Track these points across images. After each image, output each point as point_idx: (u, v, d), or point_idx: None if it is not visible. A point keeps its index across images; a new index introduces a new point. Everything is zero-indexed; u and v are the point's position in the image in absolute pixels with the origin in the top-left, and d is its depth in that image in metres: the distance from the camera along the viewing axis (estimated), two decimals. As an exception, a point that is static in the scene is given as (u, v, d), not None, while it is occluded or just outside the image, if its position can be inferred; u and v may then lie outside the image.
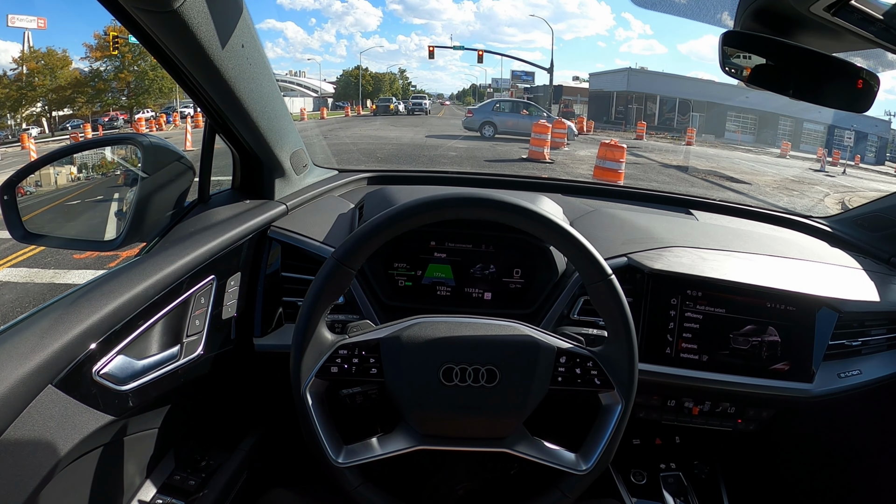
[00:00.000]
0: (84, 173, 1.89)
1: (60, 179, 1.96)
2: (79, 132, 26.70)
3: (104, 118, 39.67)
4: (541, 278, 1.73)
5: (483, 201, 1.18)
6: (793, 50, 1.13)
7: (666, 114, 48.71)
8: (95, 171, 1.88)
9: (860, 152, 34.94)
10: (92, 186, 1.85)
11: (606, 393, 1.23)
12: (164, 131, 28.72)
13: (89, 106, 40.79)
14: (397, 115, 43.93)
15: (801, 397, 1.64)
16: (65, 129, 35.09)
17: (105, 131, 31.69)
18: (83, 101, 40.47)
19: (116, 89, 42.16)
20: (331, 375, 1.19)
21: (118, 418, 1.19)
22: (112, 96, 42.21)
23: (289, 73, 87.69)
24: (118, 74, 41.34)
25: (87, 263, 6.55)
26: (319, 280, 1.17)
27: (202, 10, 1.14)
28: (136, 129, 28.45)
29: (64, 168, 1.72)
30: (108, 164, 1.83)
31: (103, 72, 41.61)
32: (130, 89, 41.84)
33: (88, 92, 40.63)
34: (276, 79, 1.63)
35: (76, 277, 6.18)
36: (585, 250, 1.19)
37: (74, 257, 6.76)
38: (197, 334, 1.43)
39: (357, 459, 1.19)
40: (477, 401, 1.19)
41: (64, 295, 1.17)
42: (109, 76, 41.62)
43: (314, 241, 1.67)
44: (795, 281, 1.68)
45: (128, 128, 34.38)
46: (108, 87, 41.77)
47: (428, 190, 1.89)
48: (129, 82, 41.52)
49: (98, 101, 41.42)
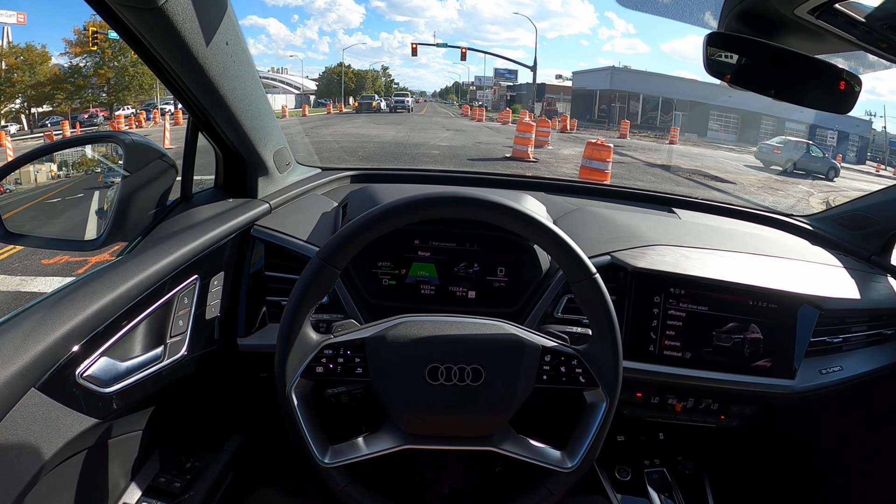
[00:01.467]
0: (64, 171, 1.88)
1: (40, 177, 1.95)
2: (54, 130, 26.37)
3: (84, 115, 39.23)
4: (525, 277, 1.73)
5: (467, 200, 1.18)
6: (776, 51, 1.14)
7: (649, 112, 49.01)
8: (76, 169, 1.86)
9: (842, 152, 35.25)
10: (72, 184, 1.84)
11: (591, 391, 1.24)
12: (144, 128, 28.41)
13: (69, 102, 40.36)
14: (380, 113, 44.01)
15: (783, 393, 1.66)
16: (44, 125, 34.64)
17: (84, 128, 31.40)
18: (63, 97, 40.04)
19: (96, 85, 41.74)
20: (316, 375, 1.19)
21: (102, 421, 1.19)
22: (92, 93, 41.77)
23: (271, 69, 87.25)
24: (98, 70, 40.95)
25: (55, 270, 6.36)
26: (304, 280, 1.16)
27: (187, 6, 1.13)
28: (113, 127, 28.12)
29: (44, 166, 1.71)
30: (89, 161, 1.82)
31: (83, 68, 41.24)
32: (110, 86, 41.46)
33: (68, 88, 40.23)
34: (260, 76, 1.62)
35: (43, 285, 6.02)
36: (570, 249, 1.19)
37: (42, 263, 6.59)
38: (180, 335, 1.42)
39: (343, 459, 1.19)
40: (462, 400, 1.19)
41: (46, 296, 1.16)
42: (89, 72, 41.23)
43: (298, 240, 1.66)
44: (777, 279, 1.70)
45: (107, 125, 34.01)
46: (87, 84, 41.36)
47: (412, 189, 1.89)
48: (108, 78, 41.14)
49: (78, 97, 40.98)
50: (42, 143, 17.35)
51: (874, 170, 32.42)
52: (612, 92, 51.82)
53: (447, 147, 18.94)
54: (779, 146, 23.92)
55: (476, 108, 41.71)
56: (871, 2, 0.92)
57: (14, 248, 7.07)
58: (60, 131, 25.36)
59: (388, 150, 17.56)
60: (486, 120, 36.88)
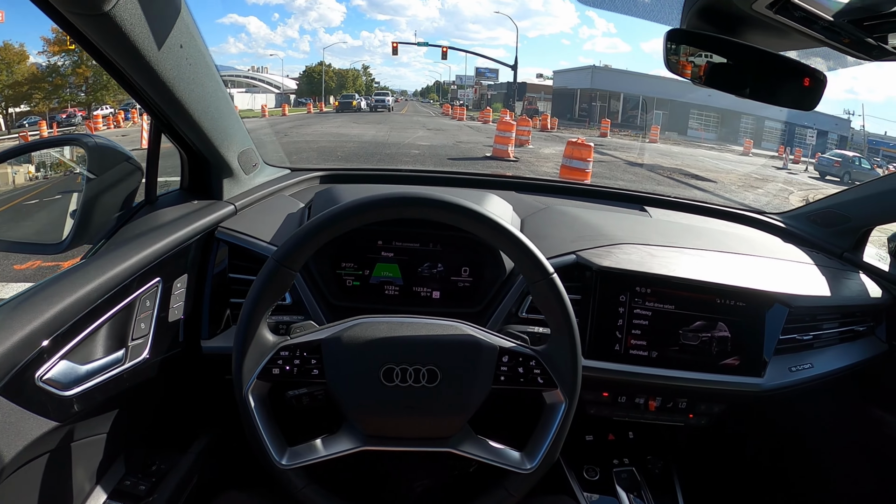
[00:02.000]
0: (42, 172, 1.87)
1: (18, 179, 1.93)
2: (31, 130, 26.16)
3: (62, 115, 38.92)
4: (489, 276, 1.73)
5: (423, 200, 1.18)
6: (738, 48, 1.14)
7: (629, 111, 49.38)
8: (54, 170, 1.85)
9: (820, 150, 35.67)
10: (49, 186, 1.83)
11: (550, 391, 1.24)
12: (123, 128, 28.22)
13: (47, 102, 40.02)
14: (360, 112, 44.00)
15: (751, 391, 1.66)
16: (22, 126, 34.37)
17: (62, 128, 31.15)
18: (40, 97, 39.69)
19: (74, 85, 41.40)
20: (273, 377, 1.19)
21: (63, 424, 1.17)
22: (70, 92, 41.43)
23: (251, 68, 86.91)
24: (76, 69, 40.58)
25: (28, 276, 6.15)
26: (259, 281, 1.16)
27: (136, 11, 1.12)
28: (90, 127, 27.91)
29: (22, 167, 1.70)
30: (68, 163, 1.80)
31: (61, 66, 40.86)
32: (89, 85, 41.10)
33: (46, 88, 39.89)
34: (238, 75, 1.61)
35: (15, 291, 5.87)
36: (526, 249, 1.19)
37: (15, 268, 6.47)
38: (143, 337, 1.40)
39: (301, 461, 1.19)
40: (418, 401, 1.19)
41: (5, 301, 1.15)
42: (67, 71, 40.88)
43: (261, 242, 1.65)
44: (745, 276, 1.70)
45: (85, 125, 33.76)
46: (65, 83, 41.02)
47: (379, 189, 1.89)
48: (87, 77, 40.76)
49: (55, 97, 40.66)
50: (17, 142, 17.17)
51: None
52: (593, 91, 52.18)
53: (427, 147, 18.93)
54: (838, 160, 25.47)
55: (457, 108, 41.92)
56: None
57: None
58: (38, 131, 25.16)
59: (368, 150, 17.53)
60: (466, 119, 36.97)
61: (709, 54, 1.15)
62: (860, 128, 43.01)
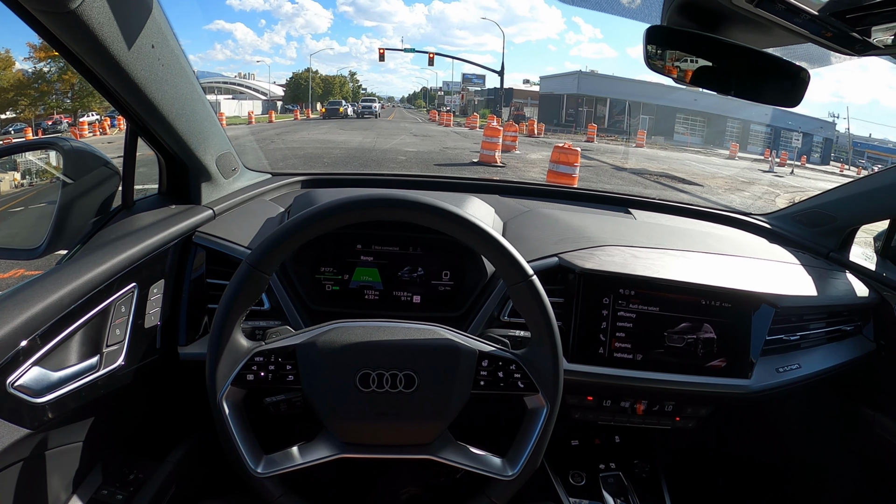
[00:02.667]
0: (28, 179, 1.85)
1: (3, 186, 1.91)
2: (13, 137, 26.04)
3: (48, 121, 38.84)
4: (470, 280, 1.71)
5: (399, 202, 1.16)
6: (720, 45, 1.13)
7: (616, 116, 49.66)
8: (40, 177, 1.83)
9: (806, 153, 36.00)
10: (35, 193, 1.81)
11: (531, 396, 1.22)
12: (109, 135, 28.17)
13: (32, 109, 39.90)
14: (347, 119, 44.10)
15: (739, 393, 1.65)
16: (7, 133, 34.27)
17: (48, 135, 31.06)
18: (26, 103, 39.56)
19: (60, 91, 41.28)
20: (247, 383, 1.17)
21: (36, 431, 1.16)
22: (56, 98, 41.33)
23: (238, 75, 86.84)
24: (62, 76, 40.43)
25: (10, 284, 6.18)
26: (232, 286, 1.14)
27: (103, 9, 1.10)
28: (75, 134, 27.83)
29: (7, 175, 1.68)
30: (54, 169, 1.79)
31: (47, 73, 40.73)
32: (75, 91, 40.96)
33: (31, 94, 39.76)
34: (225, 81, 1.59)
35: None
36: (505, 251, 1.17)
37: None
38: (118, 344, 1.38)
39: (277, 469, 1.17)
40: (395, 407, 1.17)
41: None
42: (53, 77, 40.73)
43: (239, 247, 1.64)
44: (731, 277, 1.69)
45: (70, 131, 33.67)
46: (51, 90, 40.92)
47: (355, 192, 1.87)
48: (73, 84, 40.62)
49: (41, 103, 40.55)
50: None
51: (838, 170, 33.14)
52: (580, 96, 52.42)
53: (414, 153, 18.95)
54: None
55: (444, 114, 42.05)
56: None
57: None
58: (23, 138, 25.03)
59: (354, 157, 17.50)
60: (453, 125, 37.07)
61: (691, 52, 1.14)
62: (845, 130, 43.47)
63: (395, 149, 20.16)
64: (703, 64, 1.15)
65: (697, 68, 1.15)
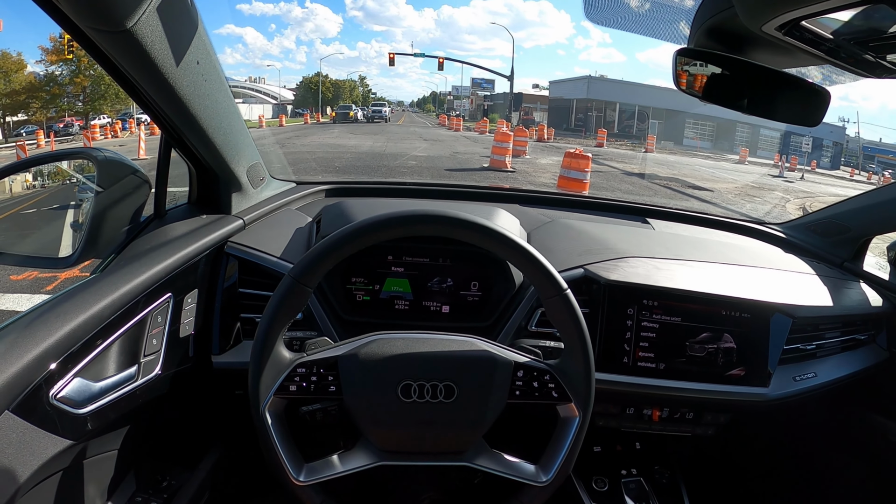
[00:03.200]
0: (40, 181, 1.87)
1: (15, 187, 1.92)
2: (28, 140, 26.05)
3: (59, 124, 38.80)
4: (498, 291, 1.74)
5: (439, 218, 1.19)
6: (745, 66, 1.16)
7: (625, 121, 49.40)
8: (52, 180, 1.85)
9: (816, 158, 35.73)
10: (47, 195, 1.82)
11: (564, 405, 1.25)
12: (120, 138, 28.07)
13: (44, 111, 39.89)
14: (357, 123, 43.95)
15: (757, 401, 1.67)
16: (19, 135, 34.26)
17: (59, 137, 31.03)
18: (38, 106, 39.55)
19: (72, 94, 41.27)
20: (289, 394, 1.19)
21: (77, 442, 1.17)
22: (67, 101, 41.30)
23: (248, 79, 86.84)
24: (74, 79, 40.50)
25: (24, 287, 6.02)
26: (276, 299, 1.16)
27: (156, 28, 1.12)
28: (87, 136, 27.79)
29: (19, 176, 1.69)
30: (65, 172, 1.80)
31: (59, 76, 40.77)
32: (86, 94, 41.02)
33: (43, 97, 39.75)
34: (235, 85, 1.62)
35: (11, 302, 5.70)
36: (540, 265, 1.20)
37: (11, 279, 6.37)
38: (154, 353, 1.40)
39: (318, 477, 1.19)
40: (435, 416, 1.20)
41: (18, 317, 1.15)
42: (65, 80, 40.76)
43: (271, 257, 1.66)
44: (749, 288, 1.71)
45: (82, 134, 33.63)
46: (63, 92, 40.89)
47: (386, 203, 1.88)
48: (84, 87, 40.69)
49: (53, 106, 40.54)
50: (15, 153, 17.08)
51: (848, 174, 32.91)
52: (589, 101, 52.19)
53: (424, 157, 18.88)
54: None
55: (453, 118, 41.80)
56: (837, 19, 0.93)
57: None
58: (35, 141, 25.07)
59: (365, 162, 17.43)
60: (463, 130, 36.86)
61: (717, 72, 1.17)
62: (855, 135, 43.16)
63: (406, 153, 20.08)
64: (729, 84, 1.18)
65: (723, 89, 1.18)
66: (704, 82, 1.18)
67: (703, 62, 1.17)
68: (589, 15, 1.47)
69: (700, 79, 1.19)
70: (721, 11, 1.08)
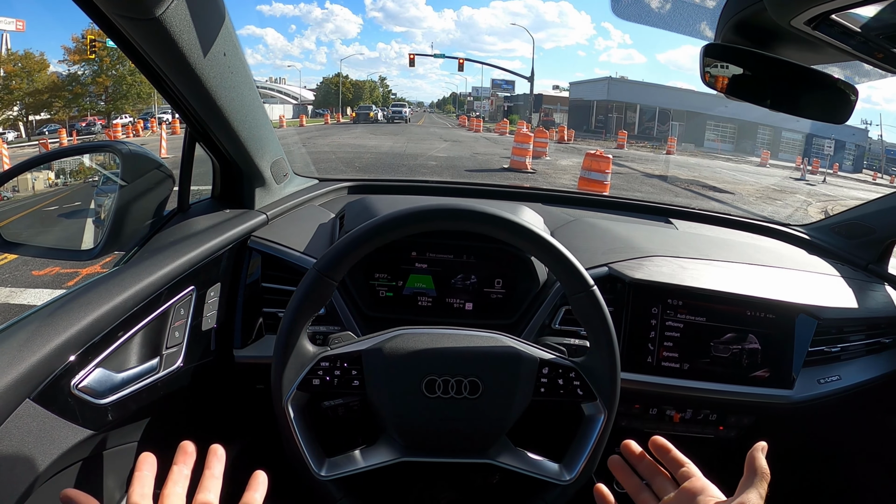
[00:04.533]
0: (62, 179, 1.88)
1: (38, 185, 1.94)
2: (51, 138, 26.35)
3: (81, 123, 39.28)
4: (522, 288, 1.73)
5: (465, 212, 1.18)
6: (772, 62, 1.14)
7: (646, 123, 49.26)
8: (73, 177, 1.86)
9: (838, 160, 35.42)
10: (70, 192, 1.84)
11: (589, 403, 1.24)
12: (142, 137, 28.37)
13: (66, 110, 40.43)
14: (377, 123, 44.25)
15: (781, 404, 1.66)
16: (42, 133, 34.67)
17: (81, 136, 31.45)
18: (60, 105, 40.08)
19: (94, 94, 41.83)
20: (312, 388, 1.19)
21: (97, 432, 1.17)
22: (90, 101, 41.86)
23: (269, 79, 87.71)
24: (96, 79, 41.02)
25: (46, 282, 6.21)
26: (301, 292, 1.16)
27: (185, 18, 1.12)
28: (109, 135, 28.06)
29: (42, 174, 1.71)
30: (87, 169, 1.82)
31: (81, 76, 41.34)
32: (108, 94, 41.51)
33: (66, 96, 40.29)
34: (257, 85, 1.61)
35: (32, 297, 5.88)
36: (567, 262, 1.19)
37: (33, 274, 6.42)
38: (176, 346, 1.41)
39: (339, 472, 1.19)
40: (459, 412, 1.19)
41: (41, 306, 1.16)
42: (87, 80, 41.30)
43: (294, 252, 1.66)
44: (774, 289, 1.69)
45: (104, 133, 33.97)
46: (85, 92, 41.42)
47: (408, 200, 1.88)
48: (106, 87, 41.18)
49: (75, 105, 41.09)
50: (38, 151, 17.29)
51: (871, 178, 32.59)
52: (609, 102, 52.12)
53: (444, 158, 18.93)
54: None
55: (473, 119, 41.87)
56: (867, 12, 0.92)
57: (5, 259, 6.99)
58: (57, 139, 25.32)
59: (385, 161, 17.52)
60: (483, 131, 36.99)
61: (745, 68, 1.16)
62: (878, 137, 42.71)
63: (426, 154, 20.14)
64: (756, 80, 1.17)
65: (750, 85, 1.16)
66: (730, 78, 1.17)
67: (729, 58, 1.16)
68: (616, 10, 1.46)
69: (726, 76, 1.18)
70: (749, 6, 1.07)
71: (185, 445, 0.98)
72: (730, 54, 1.16)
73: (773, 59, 1.14)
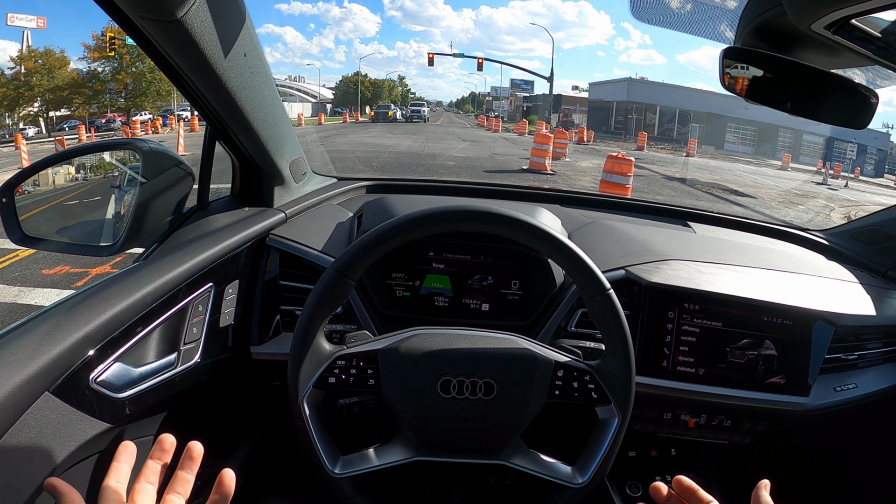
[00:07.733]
0: (82, 174, 1.89)
1: (58, 180, 1.95)
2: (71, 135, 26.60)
3: (101, 120, 39.70)
4: (538, 290, 1.72)
5: (482, 214, 1.19)
6: (792, 66, 1.14)
7: (666, 124, 48.97)
8: (94, 173, 1.87)
9: (859, 164, 35.09)
10: (90, 187, 1.85)
11: (603, 407, 1.24)
12: (161, 134, 28.59)
13: (86, 107, 40.87)
14: (395, 122, 44.23)
15: (796, 411, 1.64)
16: (62, 129, 35.04)
17: (101, 133, 31.74)
18: (80, 101, 40.55)
19: (114, 91, 42.21)
20: (328, 386, 1.20)
21: (114, 426, 1.19)
22: (109, 98, 42.25)
23: (288, 78, 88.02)
24: (116, 76, 41.41)
25: (55, 281, 6.29)
26: (318, 290, 1.17)
27: (206, 19, 1.14)
28: (127, 132, 28.30)
29: (62, 168, 1.71)
30: (107, 165, 1.83)
31: (101, 73, 41.75)
32: (128, 91, 41.88)
33: (86, 93, 40.72)
34: (277, 84, 1.62)
35: (41, 297, 5.92)
36: (584, 264, 1.19)
37: (43, 273, 6.46)
38: (194, 342, 1.42)
39: (353, 470, 1.19)
40: (474, 413, 1.19)
41: (61, 300, 1.17)
42: (107, 77, 41.69)
43: (313, 250, 1.66)
44: (792, 294, 1.68)
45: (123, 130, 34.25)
46: (105, 89, 41.80)
47: (427, 200, 1.88)
48: (126, 84, 41.54)
49: (95, 102, 41.50)
50: (55, 147, 17.42)
51: (893, 183, 32.25)
52: (629, 103, 51.89)
53: (463, 158, 18.92)
54: None
55: (492, 119, 41.87)
56: (887, 17, 0.92)
57: (16, 257, 7.09)
58: (76, 136, 25.62)
59: (404, 161, 17.54)
60: (502, 131, 36.94)
61: (762, 72, 1.15)
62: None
63: (444, 154, 20.14)
64: (776, 83, 1.16)
65: (770, 88, 1.16)
66: (749, 82, 1.16)
67: (748, 61, 1.16)
68: (635, 13, 1.46)
69: (745, 79, 1.17)
70: (769, 10, 1.07)
71: (162, 440, 0.99)
72: (749, 58, 1.16)
73: (793, 63, 1.14)
